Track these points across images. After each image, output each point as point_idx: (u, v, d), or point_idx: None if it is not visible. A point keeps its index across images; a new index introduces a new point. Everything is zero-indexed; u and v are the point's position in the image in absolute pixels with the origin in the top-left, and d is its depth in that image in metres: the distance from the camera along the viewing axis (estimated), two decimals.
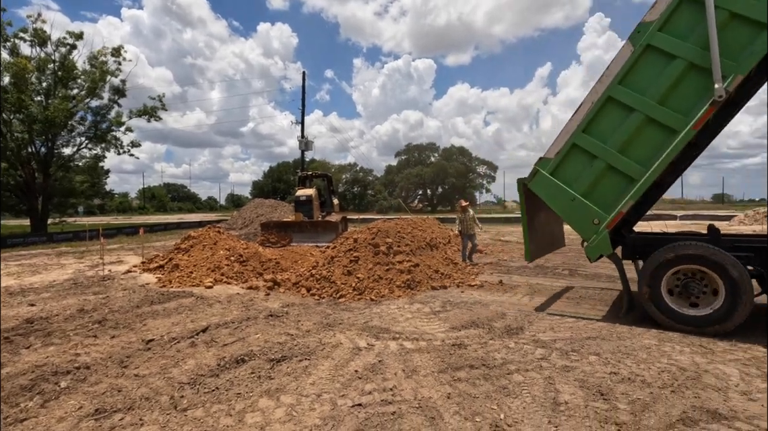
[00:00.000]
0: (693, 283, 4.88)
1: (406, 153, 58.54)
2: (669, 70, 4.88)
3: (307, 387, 3.51)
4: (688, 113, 4.77)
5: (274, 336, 4.84)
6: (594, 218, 5.25)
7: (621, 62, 5.13)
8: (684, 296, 4.95)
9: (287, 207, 24.45)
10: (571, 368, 3.85)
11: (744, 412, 2.99)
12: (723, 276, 4.66)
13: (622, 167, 5.13)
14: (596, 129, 5.29)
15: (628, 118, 5.09)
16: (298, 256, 10.69)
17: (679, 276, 4.99)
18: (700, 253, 4.77)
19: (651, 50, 4.99)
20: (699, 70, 4.72)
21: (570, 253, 12.36)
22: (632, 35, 5.10)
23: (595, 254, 5.27)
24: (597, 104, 5.25)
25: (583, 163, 5.38)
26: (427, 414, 3.02)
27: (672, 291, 4.99)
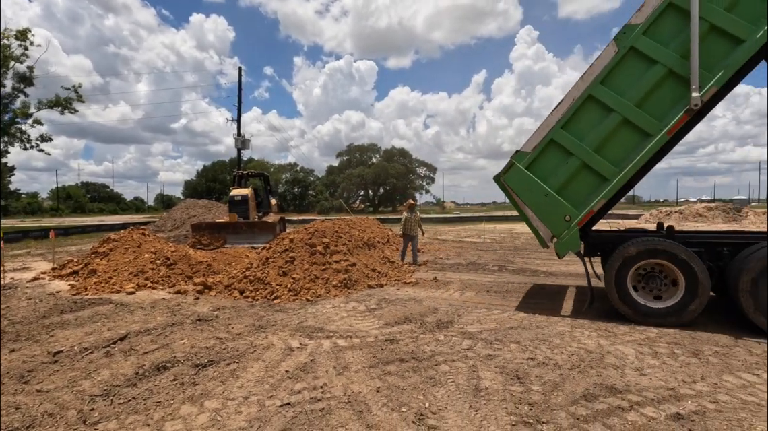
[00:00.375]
0: (655, 278, 5.07)
1: (347, 153, 58.48)
2: (649, 75, 4.99)
3: (234, 390, 3.41)
4: (662, 118, 4.93)
5: (201, 341, 4.63)
6: (566, 215, 5.28)
7: (604, 62, 5.17)
8: (647, 290, 5.13)
9: (222, 208, 23.36)
10: (493, 356, 4.10)
11: (636, 386, 3.38)
12: (683, 270, 4.86)
13: (596, 166, 5.20)
14: (575, 126, 5.31)
15: (606, 118, 5.16)
16: (232, 258, 10.28)
17: (640, 272, 5.15)
18: (664, 248, 4.95)
19: (634, 53, 5.06)
20: (676, 78, 4.89)
21: (500, 251, 13.10)
22: (617, 36, 5.14)
23: (564, 250, 5.31)
24: (578, 101, 5.26)
25: (558, 159, 5.38)
26: (356, 408, 3.07)
27: (636, 286, 5.16)
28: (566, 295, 6.87)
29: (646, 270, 5.14)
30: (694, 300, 4.82)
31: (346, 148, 59.25)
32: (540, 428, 2.76)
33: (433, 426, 2.83)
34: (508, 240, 16.43)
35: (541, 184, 5.39)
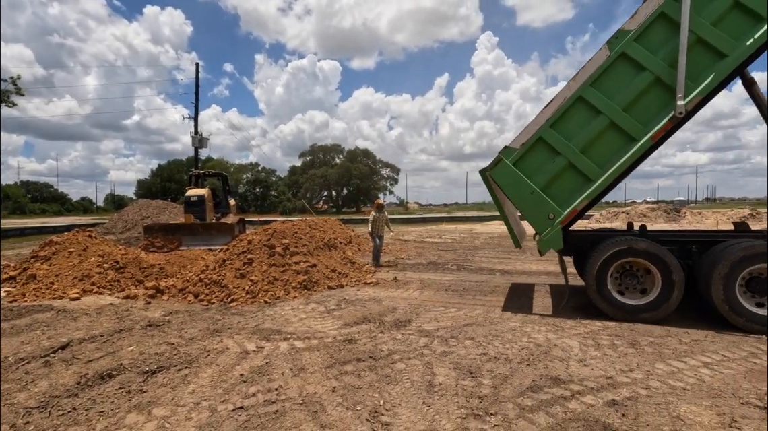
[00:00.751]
0: (632, 275, 5.25)
1: (310, 154, 57.84)
2: (637, 80, 5.14)
3: (185, 396, 3.31)
4: (647, 124, 5.10)
5: (151, 347, 4.46)
6: (550, 213, 5.34)
7: (596, 64, 5.26)
8: (624, 287, 5.31)
9: (178, 209, 22.48)
10: (448, 353, 4.21)
11: (578, 376, 3.58)
12: (660, 268, 5.06)
13: (581, 166, 5.29)
14: (563, 126, 5.38)
15: (594, 119, 5.27)
16: (187, 261, 9.93)
17: (619, 270, 5.32)
18: (643, 247, 5.13)
19: (624, 58, 5.18)
20: (663, 86, 5.06)
21: (460, 250, 13.42)
22: (610, 40, 5.23)
23: (546, 248, 5.39)
24: (568, 102, 5.33)
25: (545, 158, 5.43)
26: (310, 409, 3.07)
27: (614, 283, 5.32)
28: (534, 293, 7.15)
29: (624, 268, 5.31)
30: (671, 296, 5.03)
31: (309, 148, 58.65)
32: (488, 420, 2.88)
33: (387, 422, 2.88)
34: (468, 240, 16.85)
35: (527, 181, 5.41)
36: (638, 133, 5.12)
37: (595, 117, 5.26)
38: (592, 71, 5.27)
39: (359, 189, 53.12)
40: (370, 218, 10.18)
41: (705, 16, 4.96)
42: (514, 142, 5.54)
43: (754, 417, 2.86)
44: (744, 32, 4.88)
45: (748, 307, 4.76)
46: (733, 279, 4.75)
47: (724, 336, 4.60)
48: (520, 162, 5.49)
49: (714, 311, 4.91)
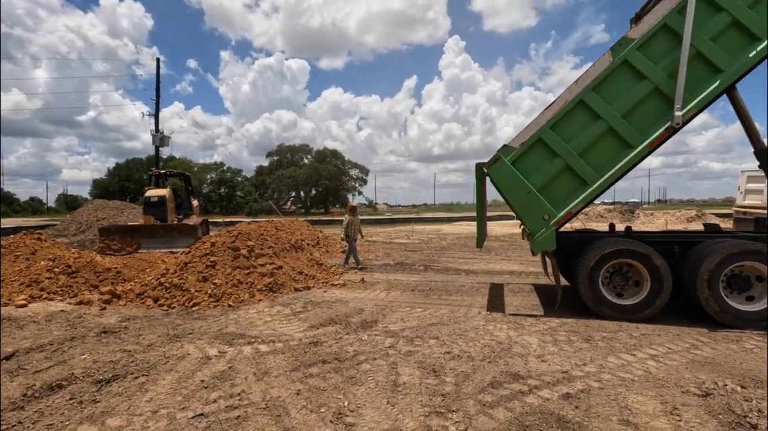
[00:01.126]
0: (621, 276, 5.39)
1: (278, 154, 56.86)
2: (637, 89, 5.23)
3: (142, 405, 3.20)
4: (644, 131, 5.21)
5: (105, 355, 4.27)
6: (545, 214, 5.35)
7: (599, 70, 5.31)
8: (613, 287, 5.44)
9: (138, 209, 21.57)
10: (413, 352, 4.28)
11: (536, 371, 3.73)
12: (649, 268, 5.21)
13: (579, 169, 5.34)
14: (563, 128, 5.40)
15: (594, 124, 5.32)
16: (147, 264, 9.54)
17: (608, 270, 5.42)
18: (633, 248, 5.25)
19: (626, 65, 5.25)
20: (661, 95, 5.18)
21: (427, 251, 13.60)
22: (614, 47, 5.30)
23: (540, 248, 5.40)
24: (569, 104, 5.36)
25: (543, 159, 5.44)
26: (274, 413, 3.05)
27: (605, 283, 5.43)
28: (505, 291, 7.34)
29: (614, 268, 5.43)
30: (660, 295, 5.19)
31: (277, 148, 57.63)
32: (450, 417, 2.95)
33: (351, 423, 2.90)
34: (435, 241, 17.10)
35: (525, 181, 5.39)
36: (635, 140, 5.23)
37: (595, 121, 5.32)
38: (595, 76, 5.31)
39: (328, 190, 52.72)
40: (345, 222, 9.94)
41: (705, 31, 5.10)
42: (513, 141, 5.52)
43: (693, 405, 3.08)
44: (740, 50, 5.07)
45: (732, 304, 5.01)
46: (717, 277, 4.97)
47: (670, 330, 4.91)
48: (519, 161, 5.47)
49: (699, 308, 5.09)
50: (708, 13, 5.11)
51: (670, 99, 5.13)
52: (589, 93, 5.30)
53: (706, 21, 5.11)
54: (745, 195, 13.41)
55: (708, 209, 29.73)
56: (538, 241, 5.38)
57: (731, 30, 5.11)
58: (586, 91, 5.31)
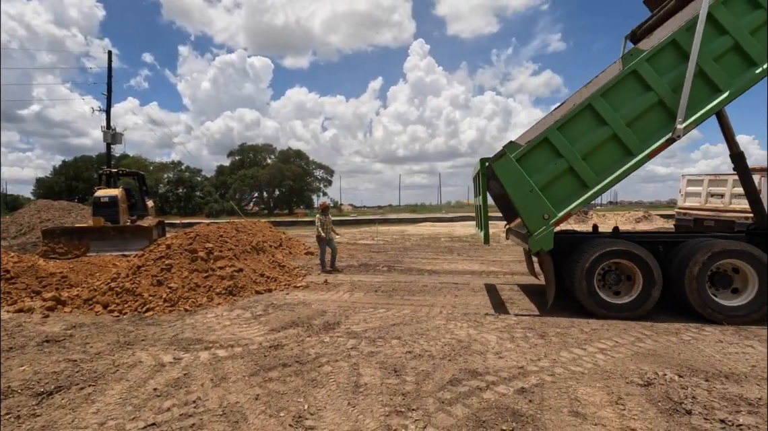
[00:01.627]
0: (612, 275, 5.55)
1: (240, 153, 55.31)
2: (642, 99, 5.41)
3: (88, 417, 3.03)
4: (645, 141, 5.39)
5: (48, 366, 4.01)
6: (545, 213, 5.40)
7: (609, 77, 5.44)
8: (609, 287, 5.59)
9: (87, 210, 20.34)
10: (375, 353, 4.29)
11: (493, 368, 3.85)
12: (641, 267, 5.39)
13: (581, 172, 5.44)
14: (570, 130, 5.48)
15: (599, 128, 5.44)
16: (96, 268, 9.02)
17: (602, 270, 5.55)
18: (627, 249, 5.42)
19: (635, 75, 5.41)
20: (664, 108, 5.38)
21: (391, 251, 13.68)
22: (625, 56, 5.43)
23: (538, 247, 5.43)
24: (578, 107, 5.45)
25: (548, 158, 5.50)
26: (231, 419, 2.97)
27: (599, 283, 5.56)
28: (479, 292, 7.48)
29: (607, 268, 5.60)
30: (652, 293, 5.39)
31: (239, 148, 56.01)
32: (410, 415, 2.99)
33: (311, 426, 2.87)
34: (399, 242, 17.23)
35: (528, 179, 5.43)
36: (636, 148, 5.42)
37: (600, 126, 5.45)
38: (604, 82, 5.43)
39: (292, 190, 51.85)
40: (318, 222, 9.70)
41: (709, 51, 5.33)
42: (520, 139, 5.56)
43: (636, 394, 3.28)
44: (739, 73, 5.36)
45: (716, 299, 5.30)
46: (703, 274, 5.24)
47: (618, 324, 5.20)
48: (523, 159, 5.49)
49: (686, 304, 5.35)
50: (713, 34, 5.35)
51: (672, 112, 5.35)
52: (598, 98, 5.43)
53: (711, 42, 5.35)
54: (685, 197, 14.40)
55: (654, 210, 31.72)
56: (536, 239, 5.41)
57: (732, 53, 5.39)
58: (594, 96, 5.43)
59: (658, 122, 5.45)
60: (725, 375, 3.62)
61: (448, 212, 42.78)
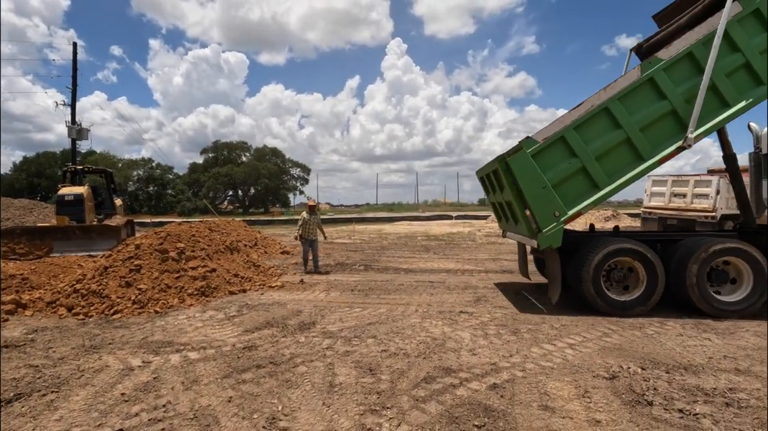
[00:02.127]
0: (618, 273, 5.67)
1: (214, 150, 53.99)
2: (657, 106, 5.55)
3: (50, 424, 2.92)
4: (656, 147, 5.55)
5: (6, 372, 3.82)
6: (556, 210, 5.46)
7: (627, 82, 5.54)
8: (613, 284, 5.69)
9: (50, 209, 19.48)
10: (351, 352, 4.30)
11: (467, 364, 3.92)
12: (645, 265, 5.55)
13: (593, 172, 5.54)
14: (585, 131, 5.56)
15: (614, 131, 5.56)
16: (60, 269, 8.65)
17: (608, 267, 5.65)
18: (633, 247, 5.55)
19: (651, 83, 5.54)
20: (676, 117, 5.55)
21: (368, 250, 13.69)
22: (644, 64, 5.58)
23: (547, 243, 5.47)
24: (595, 109, 5.53)
25: (562, 157, 5.57)
26: (202, 423, 2.92)
27: (605, 281, 5.66)
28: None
29: (611, 267, 5.71)
30: (656, 290, 5.54)
31: (213, 145, 54.64)
32: (384, 414, 3.01)
33: (285, 428, 2.86)
34: (376, 241, 17.26)
35: (542, 175, 5.48)
36: (647, 154, 5.56)
37: (615, 130, 5.58)
38: (623, 87, 5.54)
39: (268, 189, 51.01)
40: (300, 220, 9.37)
41: (722, 66, 5.51)
42: (537, 135, 5.60)
43: (601, 387, 3.41)
44: (747, 90, 5.59)
45: (716, 296, 5.51)
46: (703, 271, 5.44)
47: (587, 320, 5.38)
48: (539, 155, 5.53)
49: (686, 299, 5.53)
50: (727, 50, 5.54)
51: (684, 121, 5.53)
52: (615, 102, 5.54)
53: (724, 57, 5.53)
54: (650, 197, 15.01)
55: (622, 209, 32.87)
56: (546, 236, 5.47)
57: (743, 70, 5.60)
58: (612, 100, 5.53)
59: (669, 130, 5.60)
60: (684, 367, 3.81)
61: (425, 211, 43.11)
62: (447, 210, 43.78)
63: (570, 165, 5.57)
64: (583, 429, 2.78)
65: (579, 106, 5.62)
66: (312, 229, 9.30)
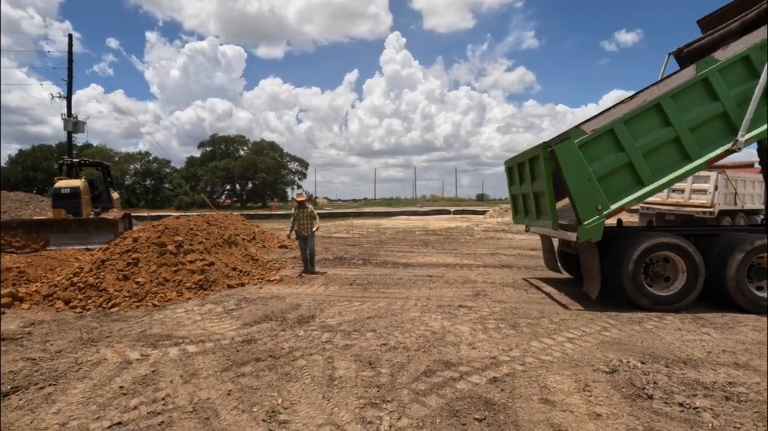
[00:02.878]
0: (657, 268, 5.60)
1: (211, 144, 53.72)
2: (708, 107, 5.48)
3: (48, 418, 2.90)
4: (704, 148, 5.47)
5: (3, 365, 3.80)
6: (598, 204, 5.35)
7: (681, 80, 5.47)
8: (652, 279, 5.64)
9: (46, 202, 19.38)
10: (350, 346, 4.29)
11: (467, 358, 3.91)
12: (686, 259, 5.49)
13: (638, 168, 5.43)
14: (635, 125, 5.46)
15: (663, 129, 5.46)
16: (57, 263, 8.61)
17: (647, 262, 5.59)
18: (674, 241, 5.49)
19: (705, 83, 5.47)
20: (727, 119, 5.49)
21: (366, 245, 13.68)
22: (700, 63, 5.50)
23: (586, 237, 5.36)
24: (647, 104, 5.43)
25: (609, 150, 5.46)
26: (202, 416, 2.90)
27: (645, 276, 5.60)
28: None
29: (651, 261, 5.65)
30: (696, 284, 5.48)
31: (210, 139, 54.39)
32: (384, 407, 3.00)
33: (285, 421, 2.84)
34: (374, 235, 17.24)
35: (588, 167, 5.36)
36: (695, 154, 5.49)
37: (664, 127, 5.48)
38: (676, 84, 5.47)
39: (266, 183, 50.84)
40: (292, 217, 8.80)
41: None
42: (586, 126, 5.51)
43: (602, 381, 3.41)
44: None
45: (754, 291, 5.47)
46: (743, 266, 5.40)
47: (585, 314, 5.39)
48: (585, 147, 5.41)
49: (725, 294, 5.49)
50: None
51: (734, 124, 5.48)
52: (667, 98, 5.44)
53: None
54: None
55: None
56: (586, 229, 5.35)
57: None
58: (664, 96, 5.44)
59: (719, 132, 5.54)
60: (683, 361, 3.81)
61: (423, 206, 43.09)
62: (445, 205, 43.74)
63: (616, 159, 5.46)
64: (584, 422, 2.78)
65: (632, 100, 5.54)
66: (304, 224, 8.62)
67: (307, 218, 8.63)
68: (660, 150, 5.53)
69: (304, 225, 8.61)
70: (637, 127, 5.50)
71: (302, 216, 8.62)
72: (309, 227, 8.63)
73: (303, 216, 8.62)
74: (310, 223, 8.64)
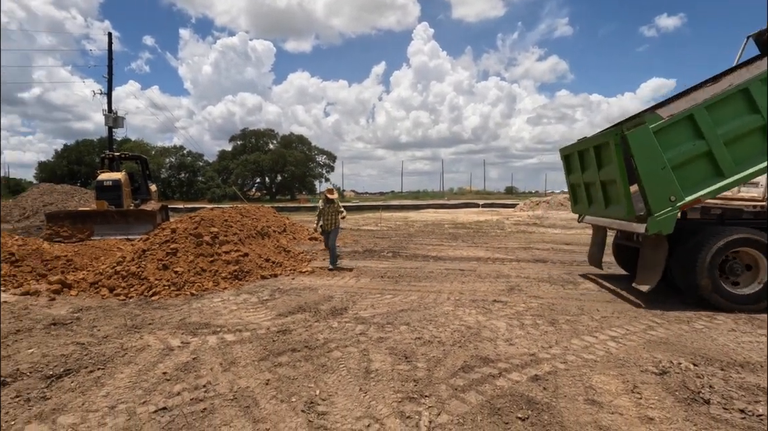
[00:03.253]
0: (735, 265, 5.22)
1: (242, 138, 55.00)
2: None
3: (98, 400, 3.01)
4: None
5: (56, 349, 3.99)
6: (672, 194, 5.00)
7: None
8: (729, 277, 5.25)
9: (89, 194, 20.31)
10: (384, 338, 4.26)
11: (505, 355, 3.81)
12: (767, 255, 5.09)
13: (719, 158, 5.04)
14: (718, 112, 5.07)
15: (749, 116, 5.05)
16: (101, 252, 9.01)
17: (725, 259, 5.21)
18: (754, 237, 5.10)
19: None
20: None
21: (395, 238, 13.63)
22: None
23: (657, 229, 5.03)
24: (733, 89, 5.05)
25: (687, 137, 5.09)
26: (242, 404, 2.94)
27: (721, 274, 5.22)
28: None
29: (727, 258, 5.26)
30: None
31: (241, 132, 55.66)
32: (423, 402, 2.95)
33: (323, 412, 2.84)
34: (403, 228, 17.18)
35: (662, 155, 5.01)
36: None
37: (751, 114, 5.06)
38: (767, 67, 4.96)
39: (294, 176, 51.66)
40: (318, 211, 8.46)
41: None
42: (663, 111, 5.20)
43: (651, 383, 3.23)
44: None
45: None
46: None
47: (628, 312, 5.15)
48: (661, 133, 5.05)
49: None
50: None
51: None
52: (756, 83, 5.02)
53: None
54: None
55: None
56: (657, 221, 5.00)
57: None
58: (753, 81, 5.03)
59: None
60: (740, 365, 3.57)
61: (451, 199, 42.64)
62: (473, 198, 43.16)
63: (695, 147, 5.06)
64: (635, 426, 2.64)
65: (715, 84, 5.08)
66: (330, 219, 8.30)
67: (333, 213, 8.34)
68: (745, 139, 5.07)
69: (329, 221, 8.33)
70: (721, 113, 5.06)
71: (328, 211, 8.31)
72: (334, 222, 8.37)
73: (329, 211, 8.31)
74: (336, 219, 8.37)
